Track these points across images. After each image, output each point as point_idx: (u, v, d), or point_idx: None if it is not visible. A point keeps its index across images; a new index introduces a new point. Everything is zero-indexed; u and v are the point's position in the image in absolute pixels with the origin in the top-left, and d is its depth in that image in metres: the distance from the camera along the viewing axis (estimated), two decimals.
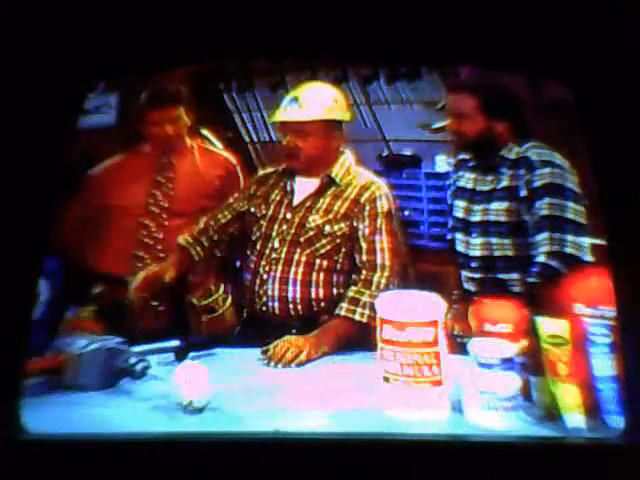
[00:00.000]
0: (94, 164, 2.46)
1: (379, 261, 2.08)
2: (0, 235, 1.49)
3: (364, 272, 2.07)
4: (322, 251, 2.11)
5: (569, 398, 1.49)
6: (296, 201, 2.18)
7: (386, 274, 2.06)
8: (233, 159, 2.54)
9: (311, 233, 2.12)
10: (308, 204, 2.16)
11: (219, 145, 2.81)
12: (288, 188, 2.20)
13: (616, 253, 1.47)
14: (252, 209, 2.22)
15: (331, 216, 2.12)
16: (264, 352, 1.95)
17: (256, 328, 2.15)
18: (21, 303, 1.51)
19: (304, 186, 2.18)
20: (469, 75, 2.25)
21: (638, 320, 1.42)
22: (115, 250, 2.39)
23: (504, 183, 2.14)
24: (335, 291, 2.11)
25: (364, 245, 2.09)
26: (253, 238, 2.19)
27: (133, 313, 2.29)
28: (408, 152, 3.46)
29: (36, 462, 1.44)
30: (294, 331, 2.03)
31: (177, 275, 2.23)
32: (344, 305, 2.03)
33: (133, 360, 1.77)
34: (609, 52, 1.46)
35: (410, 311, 1.56)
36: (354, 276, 2.08)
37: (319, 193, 2.16)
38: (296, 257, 2.11)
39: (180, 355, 1.88)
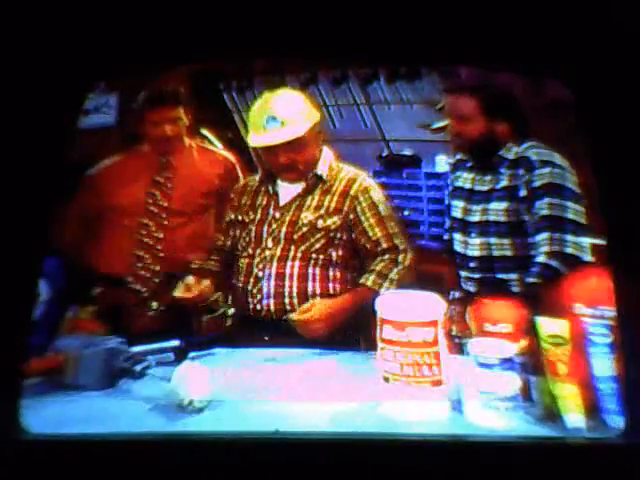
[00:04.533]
0: (94, 164, 2.46)
1: (400, 245, 2.16)
2: (0, 235, 1.49)
3: (387, 255, 2.15)
4: (317, 246, 2.15)
5: (569, 398, 1.49)
6: (282, 201, 2.22)
7: (409, 255, 2.16)
8: (232, 158, 2.54)
9: (305, 229, 2.16)
10: (297, 203, 2.19)
11: (219, 145, 2.81)
12: (271, 191, 2.24)
13: (616, 253, 1.47)
14: (240, 217, 2.26)
15: (322, 211, 2.17)
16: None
17: (248, 327, 2.17)
18: (21, 303, 1.51)
19: (289, 188, 2.22)
20: (468, 76, 2.24)
21: (638, 320, 1.42)
22: (115, 250, 2.40)
23: (503, 183, 2.14)
24: (331, 285, 2.15)
25: (379, 233, 2.16)
26: (243, 243, 2.23)
27: (133, 313, 2.30)
28: (408, 152, 3.46)
29: (36, 462, 1.44)
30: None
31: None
32: (371, 277, 2.11)
33: (133, 360, 1.77)
34: (610, 53, 1.46)
35: (410, 311, 1.56)
36: (378, 258, 2.15)
37: (307, 192, 2.20)
38: (291, 254, 2.15)
39: (180, 355, 1.88)
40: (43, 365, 1.71)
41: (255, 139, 2.17)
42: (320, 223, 2.15)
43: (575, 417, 1.48)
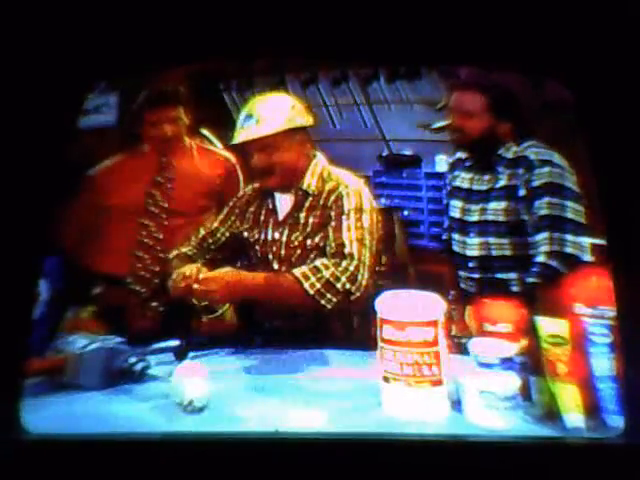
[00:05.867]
0: (94, 164, 2.46)
1: (347, 250, 2.01)
2: (0, 235, 1.49)
3: (333, 258, 2.01)
4: None
5: (569, 398, 1.49)
6: (281, 216, 2.17)
7: (355, 262, 1.98)
8: (232, 158, 2.54)
9: (299, 251, 2.11)
10: (290, 222, 2.14)
11: (219, 145, 2.81)
12: (271, 206, 2.20)
13: (616, 253, 1.48)
14: (245, 233, 2.22)
15: (309, 229, 2.11)
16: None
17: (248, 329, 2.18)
18: (21, 303, 1.51)
19: (285, 201, 2.17)
20: (470, 75, 2.24)
21: (638, 320, 1.42)
22: (115, 250, 2.40)
23: (502, 182, 2.14)
24: None
25: (332, 238, 2.04)
26: (253, 262, 2.21)
27: (133, 313, 2.30)
28: (408, 152, 3.46)
29: (36, 462, 1.44)
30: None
31: None
32: (303, 269, 1.98)
33: (133, 360, 1.77)
34: (610, 53, 1.46)
35: (410, 311, 1.56)
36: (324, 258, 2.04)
37: (297, 208, 2.14)
38: None
39: (180, 355, 1.88)
40: (43, 365, 1.71)
41: (234, 139, 2.14)
42: (309, 243, 2.10)
43: (575, 417, 1.48)
